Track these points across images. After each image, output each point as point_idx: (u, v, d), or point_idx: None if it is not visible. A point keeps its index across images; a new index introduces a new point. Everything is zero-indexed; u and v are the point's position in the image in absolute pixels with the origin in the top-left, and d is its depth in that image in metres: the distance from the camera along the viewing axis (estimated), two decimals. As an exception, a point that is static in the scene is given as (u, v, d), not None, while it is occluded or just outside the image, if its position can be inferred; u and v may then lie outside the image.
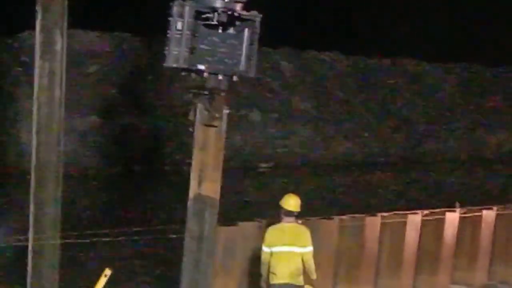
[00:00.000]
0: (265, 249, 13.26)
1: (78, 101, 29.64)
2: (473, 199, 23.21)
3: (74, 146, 27.15)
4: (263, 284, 13.44)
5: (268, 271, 13.25)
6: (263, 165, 33.23)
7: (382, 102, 39.70)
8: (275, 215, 13.61)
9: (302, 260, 13.21)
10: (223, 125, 13.50)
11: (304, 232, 13.34)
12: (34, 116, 16.75)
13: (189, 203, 14.52)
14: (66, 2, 16.45)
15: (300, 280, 13.27)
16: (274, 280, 13.14)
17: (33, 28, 16.63)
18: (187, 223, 14.59)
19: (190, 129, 13.75)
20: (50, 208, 16.78)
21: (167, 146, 30.81)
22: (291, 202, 13.22)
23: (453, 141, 39.71)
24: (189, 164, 14.74)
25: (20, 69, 30.34)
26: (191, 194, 14.41)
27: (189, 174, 14.69)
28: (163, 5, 8.10)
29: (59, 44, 16.56)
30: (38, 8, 16.41)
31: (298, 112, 36.82)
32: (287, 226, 13.30)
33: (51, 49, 16.49)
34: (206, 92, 8.21)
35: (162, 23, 8.23)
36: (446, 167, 35.25)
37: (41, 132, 16.69)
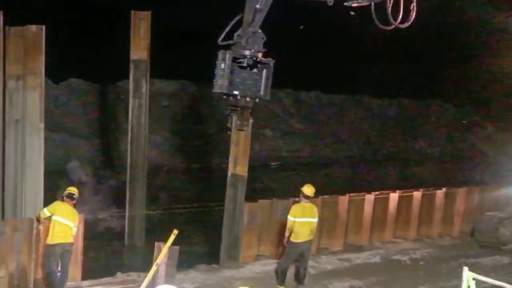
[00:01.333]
0: (291, 218, 13.35)
1: (156, 124, 29.70)
2: (409, 185, 23.04)
3: (154, 152, 27.18)
4: (286, 242, 13.50)
5: (291, 234, 13.29)
6: (273, 163, 33.17)
7: (350, 124, 39.58)
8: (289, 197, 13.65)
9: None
10: (249, 129, 13.96)
11: (315, 209, 13.55)
12: (129, 133, 16.94)
13: (228, 178, 14.72)
14: (148, 61, 16.61)
15: (312, 237, 13.38)
16: (298, 239, 13.26)
17: (128, 77, 16.83)
18: (227, 191, 14.77)
19: (229, 132, 14.08)
20: (139, 192, 16.93)
21: (215, 149, 30.76)
22: (309, 190, 13.47)
23: (389, 147, 39.42)
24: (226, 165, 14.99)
25: (120, 104, 30.40)
26: (229, 173, 14.65)
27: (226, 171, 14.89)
28: (211, 61, 8.14)
29: (144, 88, 16.74)
30: (131, 65, 16.59)
31: (295, 130, 36.79)
32: (306, 205, 13.46)
33: (139, 91, 16.69)
34: (238, 109, 8.26)
35: (209, 74, 8.27)
36: (385, 164, 34.88)
37: (133, 143, 16.86)
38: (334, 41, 40.17)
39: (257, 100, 8.15)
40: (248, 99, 8.06)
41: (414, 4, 8.60)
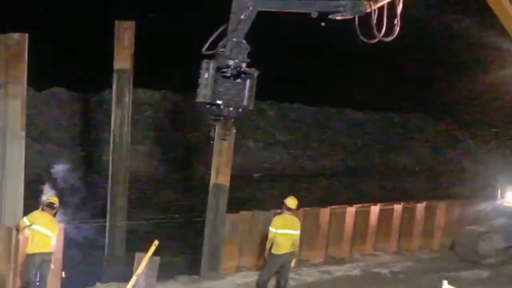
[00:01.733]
0: (272, 230, 13.30)
1: (138, 133, 29.59)
2: (390, 197, 23.09)
3: (136, 161, 27.04)
4: (266, 254, 13.45)
5: (272, 245, 13.25)
6: (255, 175, 33.15)
7: (331, 136, 39.69)
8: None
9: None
10: (232, 139, 13.90)
11: (297, 221, 13.51)
12: (111, 142, 16.86)
13: (210, 188, 14.66)
14: (132, 71, 16.57)
15: (292, 249, 13.32)
16: (279, 251, 13.21)
17: (111, 87, 16.79)
18: (208, 200, 14.70)
19: (211, 142, 14.04)
20: (120, 202, 16.83)
21: (198, 159, 30.68)
22: (292, 202, 13.44)
23: (371, 160, 39.56)
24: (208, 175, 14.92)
25: (103, 113, 30.28)
26: (211, 182, 14.60)
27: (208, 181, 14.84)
28: (194, 72, 8.14)
29: (127, 97, 16.70)
30: (115, 74, 16.55)
31: (278, 142, 36.81)
32: (288, 217, 13.42)
33: (122, 100, 16.64)
34: (222, 118, 8.25)
35: (193, 84, 8.27)
36: (367, 177, 34.98)
37: (115, 152, 16.78)
38: (318, 54, 40.33)
39: (240, 110, 8.15)
40: (231, 108, 8.06)
41: (398, 18, 8.67)
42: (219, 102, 7.97)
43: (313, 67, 40.64)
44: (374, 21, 8.51)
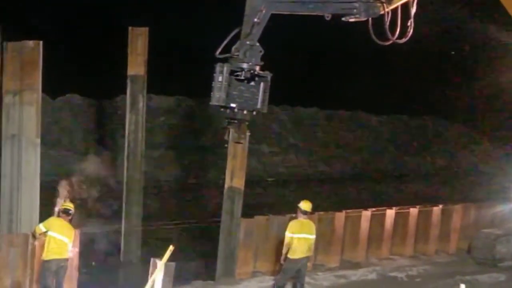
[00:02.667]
0: (289, 234, 13.28)
1: (153, 138, 29.69)
2: (406, 202, 22.91)
3: (150, 167, 27.12)
4: (283, 259, 13.42)
5: (288, 250, 13.22)
6: (269, 179, 33.17)
7: (346, 140, 39.61)
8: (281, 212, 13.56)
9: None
10: (246, 142, 13.87)
11: (313, 225, 13.49)
12: (126, 148, 16.92)
13: (225, 191, 14.64)
14: (146, 77, 16.63)
15: (309, 254, 13.31)
16: (295, 256, 13.18)
17: (125, 93, 16.85)
18: (223, 204, 14.68)
19: (226, 145, 14.01)
20: (135, 207, 16.88)
21: (212, 164, 30.71)
22: (307, 205, 13.43)
23: (386, 164, 39.42)
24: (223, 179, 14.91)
25: (117, 119, 30.41)
26: (226, 185, 14.60)
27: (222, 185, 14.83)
28: (208, 77, 8.14)
29: (141, 103, 16.76)
30: (128, 80, 16.61)
31: (291, 146, 36.79)
32: (304, 221, 13.41)
33: (136, 106, 16.70)
34: (236, 121, 8.24)
35: (206, 89, 8.28)
36: (382, 181, 34.87)
37: (130, 158, 16.84)
38: (332, 58, 40.31)
39: (254, 113, 8.15)
40: (245, 112, 8.05)
41: (412, 19, 8.62)
42: (233, 105, 7.96)
43: (326, 71, 40.61)
44: (388, 23, 8.47)
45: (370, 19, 8.43)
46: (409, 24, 8.57)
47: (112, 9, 33.91)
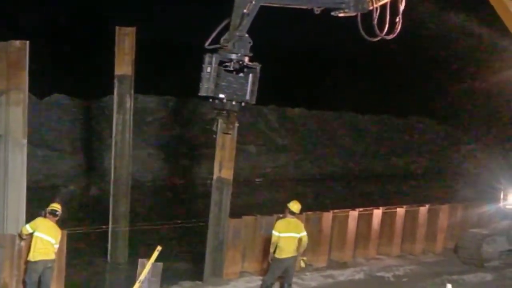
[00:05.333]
0: (275, 233, 13.27)
1: (140, 139, 29.61)
2: (392, 201, 22.98)
3: (137, 167, 27.05)
4: (270, 258, 13.41)
5: (275, 249, 13.21)
6: (257, 179, 33.16)
7: (333, 140, 39.64)
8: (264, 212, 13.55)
9: (299, 241, 13.31)
10: (235, 133, 13.73)
11: (301, 224, 13.51)
12: (113, 148, 16.85)
13: (213, 182, 14.53)
14: (133, 77, 16.57)
15: (296, 253, 13.32)
16: (282, 255, 13.16)
17: (112, 93, 16.78)
18: (212, 195, 14.57)
19: (214, 136, 13.91)
20: (122, 207, 16.80)
21: (199, 165, 30.66)
22: (295, 206, 13.43)
23: (372, 164, 39.50)
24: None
25: (104, 119, 30.31)
26: (215, 176, 14.49)
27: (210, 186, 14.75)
28: (196, 77, 8.11)
29: (128, 103, 16.69)
30: (116, 80, 16.54)
31: (279, 146, 36.80)
32: (291, 220, 13.40)
33: (123, 106, 16.63)
34: (224, 112, 8.21)
35: (193, 89, 8.26)
36: (369, 181, 34.92)
37: (117, 158, 16.77)
38: (319, 57, 40.38)
39: (243, 104, 8.13)
40: (234, 102, 8.03)
41: (400, 16, 8.64)
42: (221, 96, 7.94)
43: (313, 72, 40.69)
44: (376, 19, 8.48)
45: (359, 14, 8.44)
46: (397, 20, 8.59)
47: (100, 9, 33.81)
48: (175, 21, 35.70)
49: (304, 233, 13.39)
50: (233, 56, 7.89)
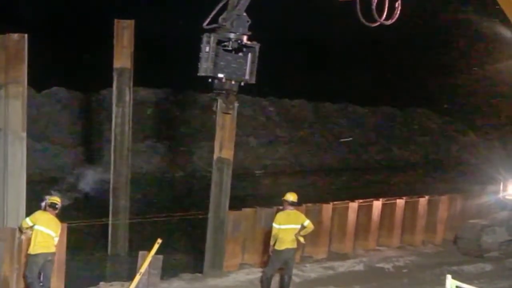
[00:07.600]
0: (275, 226, 13.24)
1: (140, 131, 29.61)
2: (392, 192, 23.03)
3: (138, 159, 27.07)
4: (271, 250, 13.40)
5: (275, 241, 13.19)
6: (257, 171, 33.17)
7: (333, 132, 39.61)
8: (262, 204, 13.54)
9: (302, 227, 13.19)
10: (235, 113, 13.58)
11: (301, 215, 13.46)
12: (112, 142, 16.84)
13: (214, 162, 14.47)
14: (132, 70, 16.54)
15: (295, 245, 13.24)
16: (282, 247, 13.14)
17: (111, 86, 16.77)
18: (212, 175, 14.51)
19: (214, 116, 13.79)
20: (122, 200, 16.81)
21: (199, 158, 30.64)
22: (292, 196, 13.37)
23: (373, 155, 39.45)
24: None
25: (103, 112, 30.30)
26: (215, 156, 14.41)
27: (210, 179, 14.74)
28: (195, 70, 8.08)
29: (128, 96, 16.68)
30: (115, 73, 16.52)
31: (279, 138, 36.78)
32: (291, 212, 13.36)
33: (122, 99, 16.63)
34: (224, 92, 8.17)
35: (190, 82, 8.24)
36: (369, 172, 34.92)
37: (116, 151, 16.78)
38: (319, 49, 40.28)
39: (242, 83, 8.09)
40: (233, 82, 7.97)
41: (399, 1, 8.59)
42: (220, 75, 7.88)
43: (313, 63, 40.60)
44: (375, 4, 8.44)
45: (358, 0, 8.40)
46: (396, 5, 8.55)
47: (98, 1, 33.73)
48: (175, 12, 35.60)
49: (307, 221, 13.33)
50: (232, 35, 7.83)
